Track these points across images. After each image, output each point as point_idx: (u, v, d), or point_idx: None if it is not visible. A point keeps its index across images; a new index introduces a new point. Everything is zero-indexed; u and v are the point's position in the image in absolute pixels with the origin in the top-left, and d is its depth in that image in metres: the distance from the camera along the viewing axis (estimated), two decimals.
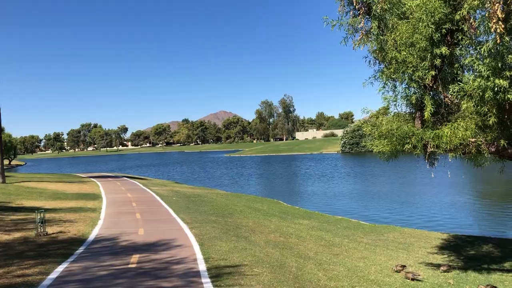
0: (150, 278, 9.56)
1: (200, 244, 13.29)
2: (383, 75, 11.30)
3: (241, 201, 30.60)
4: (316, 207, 32.28)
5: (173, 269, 10.38)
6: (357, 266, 12.60)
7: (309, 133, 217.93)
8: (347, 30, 11.89)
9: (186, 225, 16.84)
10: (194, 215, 20.14)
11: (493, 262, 14.58)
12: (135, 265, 10.74)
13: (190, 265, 10.76)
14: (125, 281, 9.32)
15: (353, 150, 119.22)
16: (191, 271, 10.15)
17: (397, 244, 17.79)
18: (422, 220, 26.56)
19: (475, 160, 11.51)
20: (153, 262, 11.07)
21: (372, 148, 11.57)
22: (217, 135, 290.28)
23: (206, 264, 10.92)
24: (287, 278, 10.06)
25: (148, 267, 10.57)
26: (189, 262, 11.02)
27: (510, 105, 9.33)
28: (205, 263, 10.96)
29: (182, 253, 12.06)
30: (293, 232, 18.45)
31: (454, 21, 9.60)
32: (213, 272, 10.13)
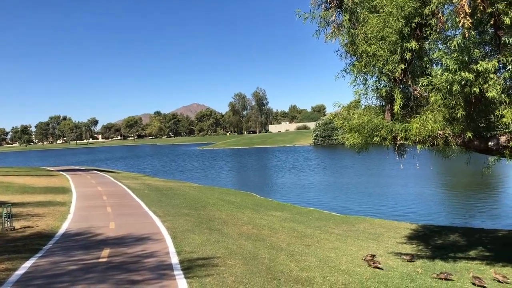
0: (121, 271, 9.46)
1: (173, 237, 13.21)
2: (354, 68, 11.42)
3: (214, 194, 30.55)
4: (289, 199, 32.53)
5: (144, 262, 10.30)
6: (328, 256, 12.79)
7: (282, 126, 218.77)
8: (319, 23, 11.96)
9: (158, 218, 16.70)
10: (166, 208, 19.99)
11: (459, 251, 15.02)
12: (106, 259, 10.60)
13: (162, 258, 10.69)
14: (96, 275, 9.19)
15: (325, 142, 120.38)
16: (163, 264, 10.09)
17: (368, 234, 18.12)
18: (392, 210, 27.11)
19: (443, 151, 11.78)
20: (124, 255, 10.95)
21: (344, 141, 11.71)
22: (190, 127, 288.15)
23: (179, 257, 10.87)
24: (260, 270, 10.12)
25: (119, 261, 10.45)
26: (161, 255, 10.95)
27: (476, 98, 9.58)
28: (177, 256, 10.91)
29: (154, 247, 11.97)
30: (266, 224, 18.55)
31: (423, 16, 9.77)
32: (185, 265, 10.10)
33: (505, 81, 9.35)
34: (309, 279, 9.69)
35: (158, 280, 8.89)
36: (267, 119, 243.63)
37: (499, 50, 8.99)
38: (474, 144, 10.48)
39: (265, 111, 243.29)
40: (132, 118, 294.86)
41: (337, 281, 9.60)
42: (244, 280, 9.10)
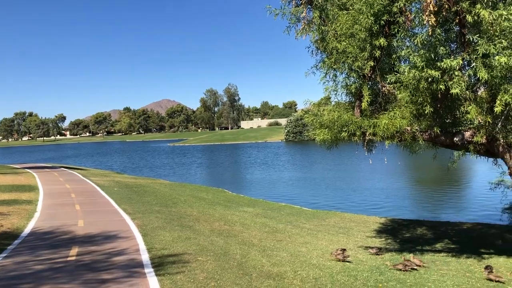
0: (90, 270, 9.30)
1: (143, 235, 13.07)
2: (324, 65, 11.53)
3: (185, 190, 30.35)
4: (261, 194, 32.64)
5: (114, 260, 10.15)
6: (299, 251, 12.90)
7: (254, 122, 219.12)
8: (290, 19, 11.99)
9: (128, 216, 16.48)
10: (136, 206, 19.75)
11: (426, 244, 15.41)
12: (74, 257, 10.40)
13: (133, 255, 10.57)
14: (64, 274, 9.01)
15: (296, 138, 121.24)
16: (133, 262, 9.97)
17: (338, 228, 18.37)
18: (362, 205, 27.56)
19: (410, 147, 12.06)
20: (93, 254, 10.77)
21: (314, 137, 11.81)
22: (161, 124, 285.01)
23: (149, 254, 10.77)
24: (231, 266, 10.13)
25: (88, 259, 10.26)
26: (131, 253, 10.82)
27: (442, 95, 9.81)
28: (148, 253, 10.80)
29: (124, 244, 11.81)
30: (237, 220, 18.57)
31: (392, 13, 9.92)
32: (156, 262, 10.01)
33: (469, 78, 9.62)
34: (281, 274, 9.77)
35: (128, 278, 8.78)
36: (239, 115, 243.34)
37: (464, 48, 9.24)
38: (441, 139, 10.75)
39: (237, 107, 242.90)
40: (101, 114, 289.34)
41: (308, 275, 9.71)
42: (216, 276, 9.09)
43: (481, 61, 8.60)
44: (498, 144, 9.97)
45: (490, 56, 8.49)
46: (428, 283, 9.42)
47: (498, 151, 10.08)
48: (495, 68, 8.40)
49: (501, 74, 8.50)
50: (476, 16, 8.38)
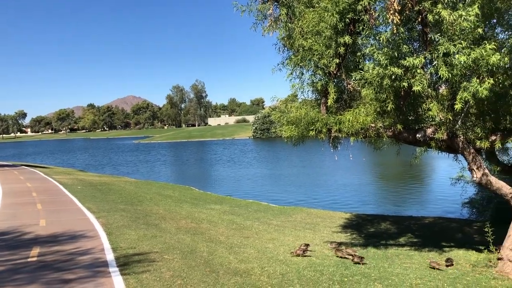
0: (53, 271, 9.05)
1: (108, 234, 12.82)
2: (291, 62, 11.56)
3: (151, 188, 29.96)
4: (228, 191, 32.59)
5: (78, 260, 9.92)
6: (266, 247, 12.96)
7: (222, 119, 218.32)
8: (257, 16, 11.96)
9: (92, 215, 16.13)
10: (101, 204, 19.35)
11: (390, 238, 15.78)
12: (35, 258, 10.10)
13: (97, 255, 10.35)
14: (24, 276, 8.73)
15: (264, 135, 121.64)
16: (97, 261, 9.77)
17: (304, 224, 18.56)
18: (328, 200, 27.96)
19: (374, 143, 12.29)
20: (56, 254, 10.48)
21: (281, 134, 11.86)
22: (126, 120, 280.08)
23: (114, 253, 10.58)
24: (198, 263, 10.08)
25: (50, 259, 9.98)
26: (95, 252, 10.60)
27: (405, 92, 10.03)
28: (113, 253, 10.61)
29: (89, 244, 11.55)
30: (204, 217, 18.48)
31: (357, 11, 10.05)
32: (121, 261, 9.85)
33: (431, 76, 9.87)
34: (248, 270, 9.78)
35: (92, 278, 8.59)
36: (206, 112, 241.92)
37: (426, 46, 9.47)
38: (404, 136, 11.00)
39: (204, 104, 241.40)
40: (64, 111, 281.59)
41: (275, 271, 9.76)
42: (182, 274, 9.02)
43: (442, 60, 8.83)
44: (458, 140, 10.29)
45: (451, 55, 8.73)
46: (392, 277, 9.64)
47: (458, 147, 10.41)
48: (455, 66, 8.65)
49: (461, 72, 8.76)
50: (437, 15, 8.60)
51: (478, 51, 8.37)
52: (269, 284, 8.73)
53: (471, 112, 10.44)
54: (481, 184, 10.61)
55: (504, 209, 14.54)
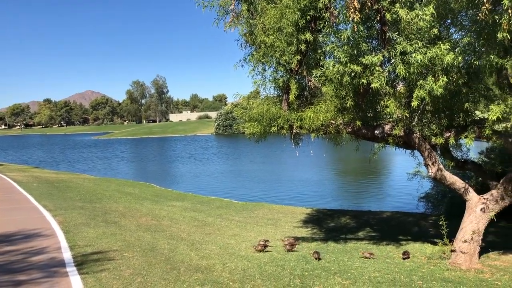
0: (4, 272, 8.71)
1: (65, 232, 12.47)
2: (253, 59, 11.55)
3: (110, 185, 29.34)
4: (190, 188, 32.36)
5: (33, 260, 9.59)
6: (228, 243, 12.96)
7: (184, 115, 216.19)
8: (218, 11, 11.89)
9: (48, 213, 15.63)
10: (58, 202, 18.78)
11: (350, 232, 16.11)
12: None
13: (53, 254, 10.04)
14: None
15: (226, 132, 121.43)
16: (53, 261, 9.48)
17: (266, 220, 18.68)
18: (289, 196, 28.24)
19: (334, 139, 12.48)
20: (8, 254, 10.09)
21: (244, 130, 11.86)
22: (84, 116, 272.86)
23: (72, 252, 10.29)
24: (159, 260, 9.96)
25: (2, 260, 9.60)
26: (51, 252, 10.28)
27: (364, 89, 10.23)
28: (70, 251, 10.32)
29: (44, 243, 11.19)
30: (165, 214, 18.28)
31: (318, 9, 10.15)
32: (79, 260, 9.59)
33: (389, 74, 10.11)
34: (209, 266, 9.75)
35: (48, 278, 8.33)
36: (167, 108, 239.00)
37: (384, 45, 9.68)
38: (362, 132, 11.22)
39: (165, 99, 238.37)
40: (19, 106, 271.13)
41: (236, 267, 9.78)
42: (143, 272, 8.89)
43: (399, 58, 9.05)
44: (414, 136, 10.60)
45: (408, 54, 8.96)
46: (351, 270, 9.84)
47: (415, 143, 10.72)
48: (412, 65, 8.89)
49: (417, 70, 9.01)
50: (395, 14, 8.80)
51: (434, 50, 8.63)
52: (231, 280, 8.73)
53: (427, 110, 10.78)
54: (436, 179, 10.98)
55: (457, 203, 15.14)
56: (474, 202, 10.66)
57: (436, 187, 20.78)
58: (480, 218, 10.46)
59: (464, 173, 16.41)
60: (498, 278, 9.37)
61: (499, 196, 10.38)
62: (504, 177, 10.47)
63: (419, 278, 9.29)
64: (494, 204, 10.41)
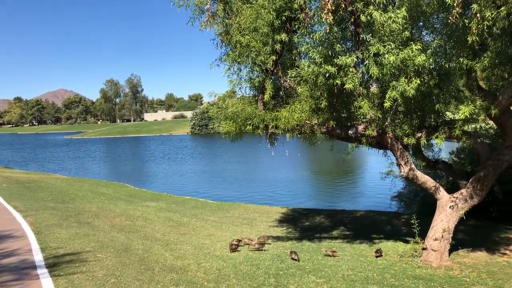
0: None
1: (36, 233, 12.20)
2: (228, 58, 11.55)
3: (84, 185, 28.85)
4: (165, 188, 32.09)
5: (2, 263, 9.34)
6: (203, 243, 12.92)
7: (159, 115, 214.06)
8: (194, 11, 11.83)
9: (19, 214, 15.27)
10: (29, 202, 18.36)
11: (324, 231, 16.27)
12: None
13: (24, 256, 9.82)
14: None
15: (202, 131, 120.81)
16: (24, 263, 9.27)
17: (242, 220, 18.69)
18: (265, 196, 28.32)
19: (309, 139, 12.58)
20: None
21: (219, 130, 11.85)
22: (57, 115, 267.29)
23: (43, 253, 10.09)
24: (133, 261, 9.86)
25: None
26: (22, 254, 10.04)
27: (338, 90, 10.35)
28: (41, 253, 10.11)
29: (15, 245, 10.93)
30: (140, 215, 18.09)
31: (293, 10, 10.22)
32: (50, 262, 9.41)
33: (363, 75, 10.25)
34: (184, 267, 9.71)
35: (18, 281, 8.14)
36: (142, 107, 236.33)
37: (358, 46, 9.82)
38: (337, 132, 11.35)
39: (140, 98, 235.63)
40: None
41: (211, 267, 9.76)
42: (116, 273, 8.79)
43: (373, 59, 9.19)
44: (387, 137, 10.79)
45: (381, 55, 9.11)
46: (325, 268, 9.95)
47: (387, 143, 10.91)
48: (385, 66, 9.04)
49: (390, 72, 9.17)
50: (369, 16, 8.94)
51: (406, 52, 8.80)
52: (206, 280, 8.71)
53: (399, 110, 10.97)
54: (408, 178, 11.20)
55: (429, 202, 15.46)
56: (444, 201, 10.92)
57: (409, 186, 21.17)
58: (450, 216, 10.73)
59: (435, 173, 16.77)
60: (467, 275, 9.63)
61: (468, 195, 10.67)
62: (473, 177, 10.77)
63: (392, 276, 9.46)
64: (464, 203, 10.69)
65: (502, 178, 13.99)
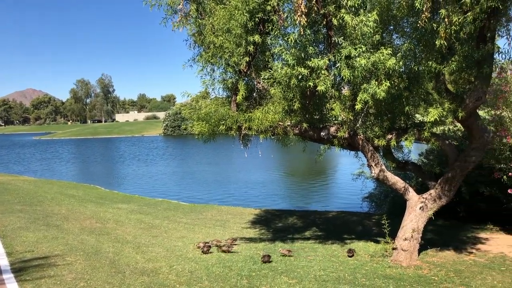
0: None
1: (2, 237, 11.86)
2: (201, 59, 11.50)
3: (52, 187, 28.19)
4: (136, 190, 31.66)
5: None
6: (175, 246, 12.80)
7: (130, 115, 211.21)
8: (166, 11, 11.74)
9: None
10: None
11: (296, 232, 16.35)
12: None
13: None
14: None
15: (175, 132, 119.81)
16: None
17: (215, 221, 18.60)
18: (238, 197, 28.27)
19: (282, 140, 12.64)
20: None
21: (192, 131, 11.77)
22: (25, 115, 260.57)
23: (9, 258, 9.81)
24: (103, 264, 9.68)
25: None
26: None
27: (311, 92, 10.43)
28: (7, 257, 9.83)
29: None
30: (111, 217, 17.79)
31: (266, 12, 10.25)
32: (17, 267, 9.15)
33: (335, 77, 10.37)
34: (155, 269, 9.60)
35: None
36: (113, 107, 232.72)
37: (330, 49, 9.92)
38: (309, 134, 11.44)
39: (111, 99, 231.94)
40: None
41: (183, 269, 9.68)
42: (86, 276, 8.61)
43: (344, 62, 9.30)
44: (358, 138, 10.94)
45: (352, 58, 9.23)
46: (298, 269, 10.01)
47: (359, 145, 11.07)
48: (356, 69, 9.16)
49: (361, 74, 9.30)
50: (341, 19, 9.05)
51: (377, 55, 8.94)
52: (177, 282, 8.64)
53: (370, 112, 11.15)
54: (379, 179, 11.39)
55: (399, 203, 15.74)
56: (414, 202, 11.15)
57: (379, 187, 21.49)
58: (420, 216, 10.95)
59: (405, 174, 17.10)
60: (435, 274, 9.85)
61: (437, 196, 10.92)
62: (442, 177, 11.03)
63: (363, 276, 9.59)
64: (433, 203, 10.93)
65: (469, 179, 14.38)
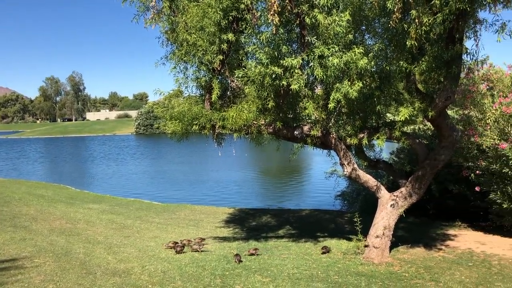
0: None
1: None
2: (174, 56, 11.39)
3: (20, 187, 27.46)
4: (108, 190, 31.13)
5: None
6: (148, 246, 12.66)
7: (102, 114, 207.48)
8: (139, 7, 11.58)
9: None
10: None
11: (270, 231, 16.40)
12: None
13: None
14: None
15: (147, 131, 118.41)
16: None
17: (188, 221, 18.47)
18: (211, 196, 28.16)
19: (256, 139, 12.64)
20: None
21: (165, 129, 11.65)
22: None
23: None
24: (73, 265, 9.49)
25: None
26: None
27: (284, 91, 10.47)
28: None
29: None
30: (81, 217, 17.45)
31: (240, 10, 10.22)
32: None
33: (308, 77, 10.44)
34: (127, 270, 9.46)
35: None
36: (84, 106, 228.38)
37: (303, 48, 9.97)
38: (283, 133, 11.48)
39: (82, 97, 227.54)
40: None
41: (156, 270, 9.57)
42: (55, 278, 8.42)
43: (317, 62, 9.37)
44: (331, 137, 11.05)
45: (325, 57, 9.30)
46: (271, 268, 10.04)
47: (331, 143, 11.17)
48: (329, 68, 9.24)
49: (334, 74, 9.38)
50: (314, 19, 9.10)
51: (349, 54, 9.04)
52: (150, 283, 8.53)
53: (343, 112, 11.27)
54: (351, 177, 11.53)
55: (371, 201, 15.96)
56: (385, 199, 11.33)
57: (352, 185, 21.75)
58: (391, 214, 11.14)
59: (376, 172, 17.36)
60: (406, 270, 10.04)
61: (407, 193, 11.13)
62: (412, 176, 11.25)
63: (335, 273, 9.69)
64: (403, 201, 11.14)
65: (439, 177, 14.72)
